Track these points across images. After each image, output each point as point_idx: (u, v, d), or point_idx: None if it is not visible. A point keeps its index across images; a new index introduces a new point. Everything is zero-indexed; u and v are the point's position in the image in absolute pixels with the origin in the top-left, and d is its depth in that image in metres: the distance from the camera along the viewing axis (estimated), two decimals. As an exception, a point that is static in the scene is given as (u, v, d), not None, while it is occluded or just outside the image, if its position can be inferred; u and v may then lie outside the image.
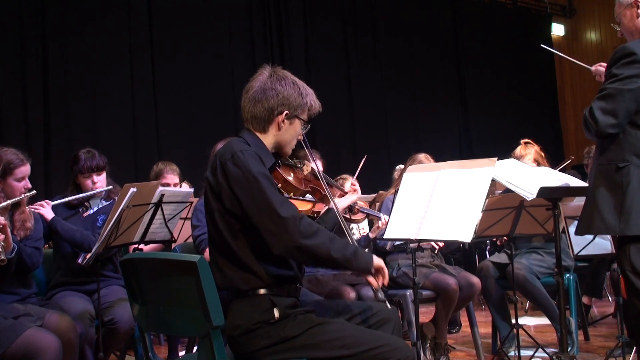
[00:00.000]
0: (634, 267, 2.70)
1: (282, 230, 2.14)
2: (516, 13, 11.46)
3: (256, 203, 2.17)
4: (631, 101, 2.69)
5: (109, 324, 3.37)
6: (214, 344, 2.03)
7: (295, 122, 2.41)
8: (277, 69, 2.42)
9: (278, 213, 2.14)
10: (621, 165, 2.72)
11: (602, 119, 2.71)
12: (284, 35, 8.69)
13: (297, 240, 2.14)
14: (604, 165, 2.79)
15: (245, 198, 2.18)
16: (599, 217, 2.75)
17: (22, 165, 3.28)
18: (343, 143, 9.07)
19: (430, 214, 2.88)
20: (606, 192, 2.75)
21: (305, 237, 2.14)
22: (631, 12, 2.91)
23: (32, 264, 3.27)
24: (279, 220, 2.14)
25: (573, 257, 4.12)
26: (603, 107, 2.71)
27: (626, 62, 2.72)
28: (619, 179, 2.71)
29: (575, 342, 4.17)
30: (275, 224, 2.14)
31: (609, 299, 6.30)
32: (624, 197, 2.68)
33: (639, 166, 2.70)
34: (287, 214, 2.15)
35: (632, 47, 2.74)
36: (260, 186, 2.17)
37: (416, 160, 4.32)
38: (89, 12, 7.11)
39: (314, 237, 2.16)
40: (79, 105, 7.01)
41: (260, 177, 2.19)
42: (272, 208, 2.15)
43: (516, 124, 10.37)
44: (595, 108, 2.72)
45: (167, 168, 4.59)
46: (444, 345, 4.21)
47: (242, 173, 2.19)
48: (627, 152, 2.72)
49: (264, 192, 2.16)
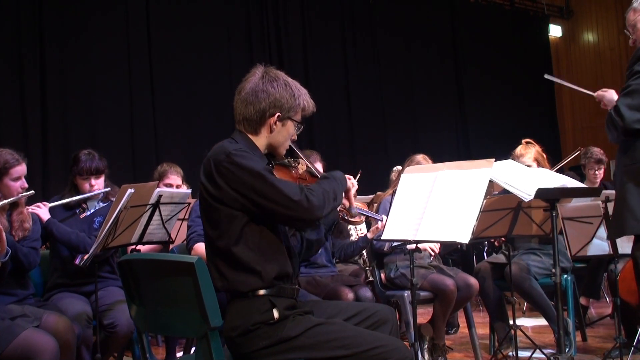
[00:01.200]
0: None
1: (301, 212, 2.20)
2: (514, 14, 11.48)
3: (268, 197, 2.18)
4: None
5: (109, 327, 3.36)
6: (212, 345, 2.03)
7: (288, 123, 2.40)
8: (270, 69, 2.40)
9: (292, 199, 2.18)
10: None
11: (629, 115, 2.71)
12: (282, 35, 8.69)
13: (317, 215, 2.23)
14: (629, 166, 2.79)
15: (255, 195, 2.19)
16: (632, 215, 2.74)
17: (17, 165, 3.28)
18: (341, 144, 9.07)
19: (428, 215, 2.89)
20: (635, 191, 2.74)
21: (321, 208, 2.24)
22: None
23: (29, 264, 3.26)
24: (294, 204, 2.18)
25: (571, 258, 4.12)
26: (629, 103, 2.71)
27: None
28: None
29: (572, 343, 4.18)
30: (292, 209, 2.19)
31: (607, 300, 6.31)
32: None
33: None
34: (298, 196, 2.19)
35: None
36: (265, 180, 2.19)
37: (414, 161, 4.32)
38: (86, 13, 7.11)
39: (325, 203, 2.26)
40: (77, 106, 7.00)
41: (262, 171, 2.20)
42: (285, 196, 2.18)
43: (514, 125, 10.38)
44: (621, 105, 2.73)
45: (171, 169, 4.59)
46: (442, 346, 4.21)
47: (243, 171, 2.20)
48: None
49: (272, 184, 2.19)
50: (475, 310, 6.20)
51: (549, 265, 4.29)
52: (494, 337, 4.52)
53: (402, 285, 4.25)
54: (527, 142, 4.51)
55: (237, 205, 2.21)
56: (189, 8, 7.90)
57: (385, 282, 4.39)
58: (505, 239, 4.10)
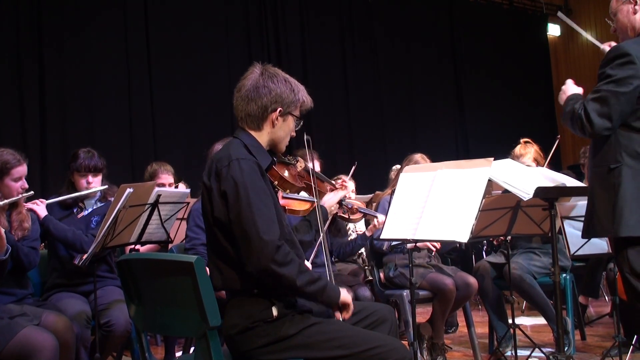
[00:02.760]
0: (633, 270, 2.69)
1: (258, 250, 2.14)
2: (512, 13, 11.48)
3: (242, 218, 2.17)
4: (626, 104, 2.68)
5: (105, 326, 3.36)
6: (211, 345, 2.03)
7: (289, 118, 2.41)
8: (268, 66, 2.43)
9: (259, 234, 2.14)
10: (613, 166, 2.71)
11: (598, 122, 2.70)
12: (281, 35, 8.68)
13: (268, 265, 2.14)
14: (597, 167, 2.80)
15: (233, 210, 2.19)
16: (597, 219, 2.75)
17: (18, 165, 3.28)
18: (340, 143, 9.07)
19: (427, 214, 2.89)
20: (601, 194, 2.75)
21: (278, 265, 2.15)
22: (628, 8, 2.87)
23: (29, 263, 3.27)
24: (259, 240, 2.14)
25: (569, 257, 4.12)
26: (598, 110, 2.70)
27: (620, 62, 2.70)
28: (612, 180, 2.71)
29: (571, 342, 4.18)
30: (254, 242, 2.14)
31: (606, 298, 6.31)
32: (616, 199, 2.67)
33: (630, 167, 2.69)
34: (269, 237, 2.14)
35: (626, 48, 2.72)
36: (250, 202, 2.17)
37: (412, 161, 4.33)
38: (85, 12, 7.10)
39: (287, 266, 2.16)
40: (76, 106, 7.00)
41: (252, 192, 2.18)
42: (256, 227, 2.14)
43: (512, 123, 10.38)
44: (591, 110, 2.71)
45: (161, 168, 4.59)
46: (441, 346, 4.21)
47: (235, 185, 2.19)
48: (619, 153, 2.71)
49: (252, 209, 2.16)
50: (474, 309, 6.20)
51: (548, 264, 4.30)
52: (493, 336, 4.52)
53: (401, 284, 4.25)
54: (526, 142, 4.50)
55: (220, 214, 2.22)
56: (187, 7, 7.89)
57: (384, 282, 4.39)
58: (504, 238, 4.10)
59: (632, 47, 2.71)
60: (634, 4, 2.85)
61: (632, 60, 2.67)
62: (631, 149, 2.70)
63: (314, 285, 2.23)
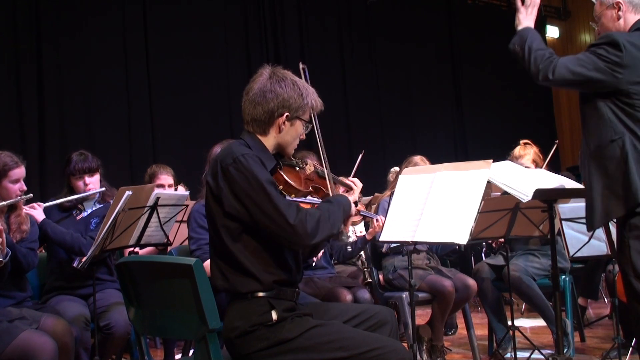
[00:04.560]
0: (636, 270, 2.69)
1: (293, 236, 2.18)
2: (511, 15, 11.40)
3: (264, 211, 2.17)
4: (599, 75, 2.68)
5: (105, 329, 3.36)
6: (210, 348, 2.03)
7: (297, 123, 2.39)
8: (277, 69, 2.40)
9: (287, 221, 2.16)
10: (615, 137, 2.69)
11: (561, 71, 2.71)
12: (279, 36, 8.70)
13: (308, 243, 2.22)
14: (596, 147, 2.75)
15: (252, 206, 2.18)
16: (605, 199, 2.69)
17: (16, 167, 3.28)
18: (338, 144, 9.07)
19: (426, 216, 2.89)
20: (605, 172, 2.70)
21: (314, 236, 2.21)
22: (611, 13, 2.89)
23: (28, 264, 3.26)
24: (289, 227, 2.16)
25: (569, 259, 4.12)
26: (569, 63, 2.72)
27: (609, 49, 2.71)
28: (615, 152, 2.68)
29: (571, 344, 4.18)
30: (286, 231, 2.17)
31: (605, 300, 6.31)
32: (627, 167, 2.64)
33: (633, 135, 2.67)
34: (295, 220, 2.17)
35: (617, 37, 2.73)
36: (267, 194, 2.17)
37: (412, 163, 4.32)
38: (83, 15, 7.11)
39: (320, 231, 2.23)
40: (74, 108, 7.01)
41: (266, 184, 2.18)
42: (282, 216, 2.16)
43: (511, 125, 10.39)
44: (561, 62, 2.72)
45: (160, 169, 4.60)
46: (440, 348, 4.21)
47: (247, 179, 2.18)
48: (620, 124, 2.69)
49: (272, 201, 2.16)
50: (473, 311, 6.20)
51: (547, 265, 4.30)
52: (493, 338, 4.52)
53: (400, 286, 4.25)
54: (526, 143, 4.49)
55: (233, 211, 2.21)
56: (186, 9, 7.90)
57: (383, 284, 4.39)
58: (504, 239, 4.09)
59: (621, 37, 2.72)
60: (617, 10, 2.87)
61: (621, 49, 2.68)
62: (629, 123, 2.68)
63: (339, 218, 2.34)
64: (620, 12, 2.86)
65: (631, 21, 2.85)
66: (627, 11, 2.86)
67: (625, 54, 2.67)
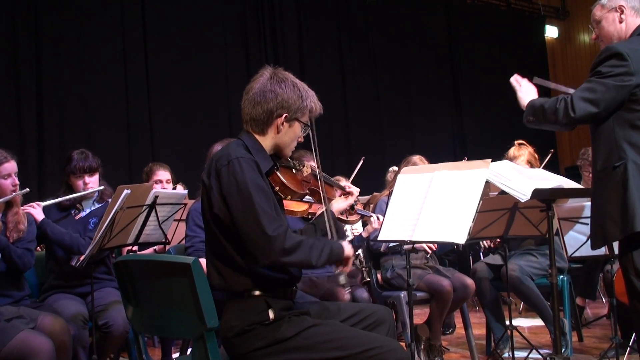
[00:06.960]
0: (636, 268, 2.68)
1: (267, 247, 2.15)
2: (510, 15, 11.49)
3: (245, 216, 2.16)
4: (615, 93, 2.67)
5: (103, 327, 3.36)
6: (208, 346, 2.03)
7: (295, 124, 2.40)
8: (279, 70, 2.40)
9: (265, 231, 2.14)
10: (617, 164, 2.70)
11: (581, 106, 2.69)
12: (278, 37, 8.69)
13: (279, 259, 2.17)
14: (602, 169, 2.78)
15: (235, 209, 2.18)
16: (610, 221, 2.71)
17: (5, 162, 3.28)
18: (338, 145, 9.08)
19: (425, 215, 2.89)
20: (608, 195, 2.72)
21: (288, 254, 2.17)
22: (614, 16, 2.88)
23: (24, 265, 3.26)
24: (265, 237, 2.14)
25: (567, 259, 4.12)
26: (584, 96, 2.71)
27: (613, 62, 2.70)
28: (617, 177, 2.68)
29: (569, 344, 4.18)
30: (262, 240, 2.15)
31: (603, 300, 6.31)
32: (627, 194, 2.64)
33: (635, 162, 2.67)
34: (274, 232, 2.15)
35: (618, 48, 2.74)
36: (252, 200, 2.16)
37: (410, 162, 4.33)
38: (82, 15, 7.11)
39: (296, 252, 2.19)
40: (73, 108, 7.00)
41: (254, 190, 2.17)
42: (260, 224, 2.14)
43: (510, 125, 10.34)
44: (576, 98, 2.71)
45: (157, 166, 4.61)
46: (438, 347, 4.21)
47: (235, 183, 2.18)
48: (622, 150, 2.69)
49: (254, 208, 2.15)
50: (471, 310, 6.20)
51: (545, 265, 4.30)
52: (491, 337, 4.52)
53: (398, 285, 4.25)
54: (521, 144, 4.50)
55: (219, 211, 2.21)
56: (185, 10, 7.90)
57: (381, 283, 4.39)
58: (502, 239, 4.10)
59: (623, 47, 2.72)
60: (620, 13, 2.86)
61: (625, 58, 2.68)
62: (635, 144, 2.69)
63: (324, 255, 2.28)
64: (623, 16, 2.86)
65: (633, 25, 2.85)
66: (629, 15, 2.86)
67: (631, 62, 2.67)
